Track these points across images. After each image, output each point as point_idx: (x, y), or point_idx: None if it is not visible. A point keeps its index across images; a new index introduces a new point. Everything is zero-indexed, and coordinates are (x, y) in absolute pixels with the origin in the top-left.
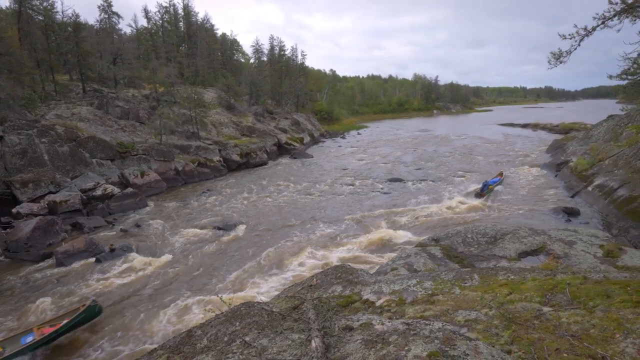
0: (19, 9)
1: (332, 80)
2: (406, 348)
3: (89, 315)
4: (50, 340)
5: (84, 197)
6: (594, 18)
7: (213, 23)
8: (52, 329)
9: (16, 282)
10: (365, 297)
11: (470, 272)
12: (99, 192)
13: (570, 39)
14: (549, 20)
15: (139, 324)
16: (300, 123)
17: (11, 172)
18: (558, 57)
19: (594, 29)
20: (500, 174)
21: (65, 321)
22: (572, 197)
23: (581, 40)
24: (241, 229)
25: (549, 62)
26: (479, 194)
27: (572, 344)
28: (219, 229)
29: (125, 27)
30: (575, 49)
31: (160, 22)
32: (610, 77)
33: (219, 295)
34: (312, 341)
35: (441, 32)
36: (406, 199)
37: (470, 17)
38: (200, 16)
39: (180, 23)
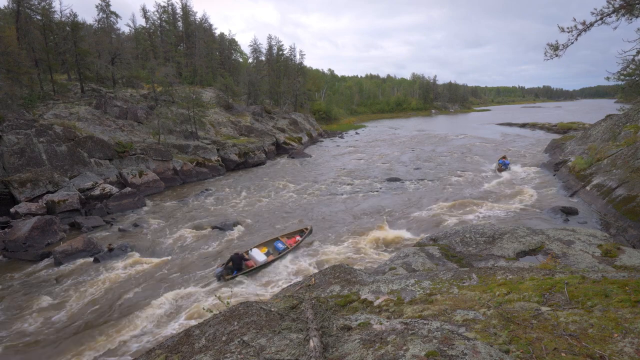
0: (17, 9)
1: (330, 80)
2: (404, 348)
3: (309, 233)
4: (290, 251)
5: (82, 197)
6: (592, 13)
7: (211, 23)
8: (292, 240)
9: (14, 282)
10: (363, 296)
11: (468, 272)
12: (97, 191)
13: (569, 32)
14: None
15: (137, 324)
16: (299, 123)
17: (9, 171)
18: (555, 49)
19: (592, 24)
20: (504, 157)
21: (298, 237)
22: (571, 196)
23: (579, 34)
24: (239, 229)
25: (545, 53)
26: (500, 170)
27: (571, 344)
28: (218, 228)
29: (123, 26)
30: (572, 43)
31: (159, 21)
32: (608, 78)
33: (217, 295)
34: (310, 341)
35: (439, 31)
36: (404, 199)
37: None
38: (199, 16)
39: (179, 23)
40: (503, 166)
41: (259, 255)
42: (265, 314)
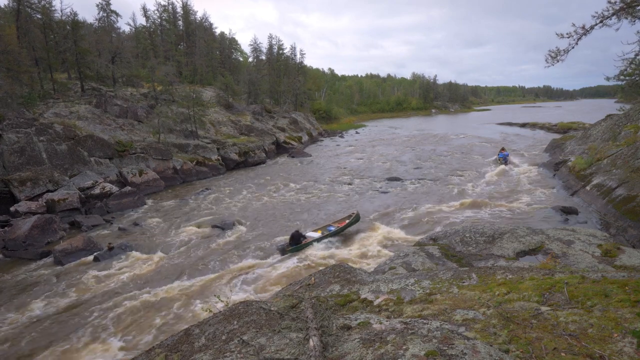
0: (17, 7)
1: (330, 79)
2: (404, 347)
3: (355, 220)
4: (339, 231)
5: (82, 196)
6: (593, 17)
7: (212, 22)
8: (342, 224)
9: (14, 281)
10: (363, 296)
11: (468, 272)
12: (97, 190)
13: (568, 37)
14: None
15: (137, 323)
16: (299, 122)
17: (9, 170)
18: (555, 56)
19: (592, 27)
20: (503, 149)
21: (347, 222)
22: (570, 196)
23: (579, 39)
24: (239, 228)
25: (546, 60)
26: (502, 162)
27: (570, 344)
28: (217, 227)
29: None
30: (573, 47)
31: (159, 20)
32: (608, 78)
33: (217, 294)
34: (310, 340)
35: (439, 31)
36: (404, 198)
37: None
38: (199, 15)
39: (179, 22)
40: (502, 158)
41: (314, 234)
42: (265, 313)
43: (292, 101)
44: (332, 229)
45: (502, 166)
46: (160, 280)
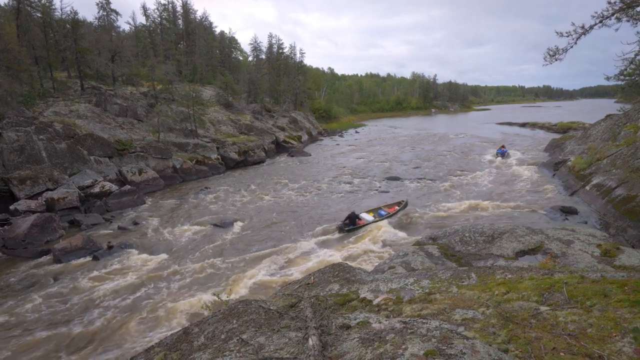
0: (17, 6)
1: (330, 78)
2: (403, 347)
3: (404, 207)
4: (389, 217)
5: (82, 195)
6: (593, 17)
7: (211, 21)
8: (392, 209)
9: (14, 279)
10: (362, 295)
11: (467, 271)
12: (96, 189)
13: (567, 36)
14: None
15: (136, 322)
16: (298, 121)
17: (9, 168)
18: (553, 55)
19: (591, 27)
20: (503, 146)
21: (396, 207)
22: (570, 196)
23: (578, 38)
24: (239, 227)
25: (544, 59)
26: (499, 156)
27: (570, 343)
28: (217, 226)
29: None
30: (572, 47)
31: (159, 19)
32: (608, 78)
33: (216, 293)
34: (309, 339)
35: (439, 31)
36: (404, 198)
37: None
38: (199, 14)
39: (179, 21)
40: (501, 154)
41: (367, 216)
42: (264, 312)
43: (292, 100)
44: (383, 213)
45: (499, 158)
46: (160, 279)
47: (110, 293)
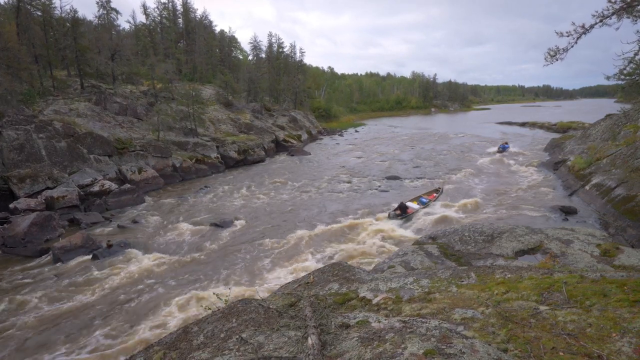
0: (17, 5)
1: (330, 77)
2: (402, 346)
3: (440, 193)
4: (430, 203)
5: (82, 193)
6: (593, 16)
7: (211, 20)
8: (431, 197)
9: (13, 278)
10: (362, 294)
11: (467, 271)
12: (96, 188)
13: (568, 36)
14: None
15: (136, 320)
16: (298, 120)
17: (8, 167)
18: (554, 55)
19: (591, 27)
20: (506, 142)
21: (434, 194)
22: (570, 195)
23: (578, 38)
24: (238, 226)
25: (545, 59)
26: (500, 152)
27: (569, 343)
28: (217, 225)
29: (123, 23)
30: (572, 46)
31: (159, 18)
32: (608, 77)
33: (215, 292)
34: (309, 338)
35: (438, 30)
36: (403, 197)
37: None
38: (199, 13)
39: (179, 20)
40: (503, 150)
41: (413, 205)
42: (263, 311)
43: (292, 99)
44: (425, 200)
45: (499, 153)
46: (158, 277)
47: (110, 291)
